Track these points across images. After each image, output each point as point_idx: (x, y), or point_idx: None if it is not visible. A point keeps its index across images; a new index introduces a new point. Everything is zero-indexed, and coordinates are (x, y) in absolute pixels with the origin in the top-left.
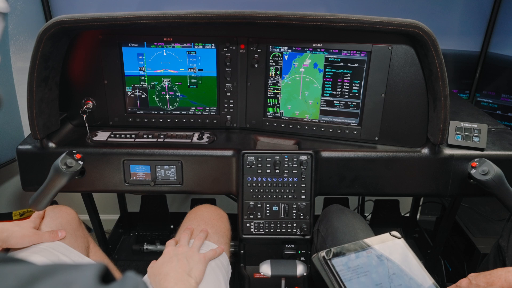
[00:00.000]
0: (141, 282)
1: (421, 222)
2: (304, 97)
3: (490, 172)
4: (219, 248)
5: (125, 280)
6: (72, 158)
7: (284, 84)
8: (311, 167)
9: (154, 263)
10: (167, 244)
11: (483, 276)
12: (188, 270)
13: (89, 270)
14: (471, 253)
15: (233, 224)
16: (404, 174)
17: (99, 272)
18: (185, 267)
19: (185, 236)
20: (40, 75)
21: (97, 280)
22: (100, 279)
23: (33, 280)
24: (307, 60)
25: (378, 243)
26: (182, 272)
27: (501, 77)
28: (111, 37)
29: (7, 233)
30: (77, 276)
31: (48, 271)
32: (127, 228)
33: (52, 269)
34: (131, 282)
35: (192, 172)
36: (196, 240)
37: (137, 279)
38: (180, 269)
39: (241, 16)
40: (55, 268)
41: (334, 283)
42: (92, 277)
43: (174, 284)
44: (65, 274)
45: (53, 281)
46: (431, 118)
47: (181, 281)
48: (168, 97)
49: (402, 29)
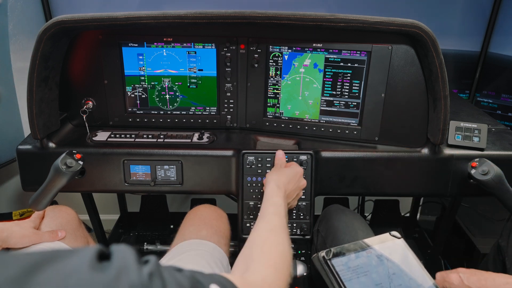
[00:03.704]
0: (126, 250)
1: (421, 222)
2: (304, 97)
3: (490, 172)
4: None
5: (113, 253)
6: (72, 158)
7: (284, 84)
8: (311, 167)
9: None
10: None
11: (477, 280)
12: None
13: (85, 254)
14: (471, 253)
15: (233, 224)
16: (404, 174)
17: (95, 254)
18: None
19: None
20: (40, 75)
21: (94, 262)
22: (96, 260)
23: (34, 268)
24: (307, 60)
25: (378, 243)
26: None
27: (501, 77)
28: (111, 37)
29: (7, 233)
30: (74, 262)
31: (47, 258)
32: (127, 228)
33: (51, 256)
34: (119, 254)
35: (192, 172)
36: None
37: (120, 248)
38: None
39: (241, 16)
40: (54, 255)
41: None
42: (88, 261)
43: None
44: (64, 261)
45: (53, 268)
46: (431, 118)
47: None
48: (168, 97)
49: (402, 29)
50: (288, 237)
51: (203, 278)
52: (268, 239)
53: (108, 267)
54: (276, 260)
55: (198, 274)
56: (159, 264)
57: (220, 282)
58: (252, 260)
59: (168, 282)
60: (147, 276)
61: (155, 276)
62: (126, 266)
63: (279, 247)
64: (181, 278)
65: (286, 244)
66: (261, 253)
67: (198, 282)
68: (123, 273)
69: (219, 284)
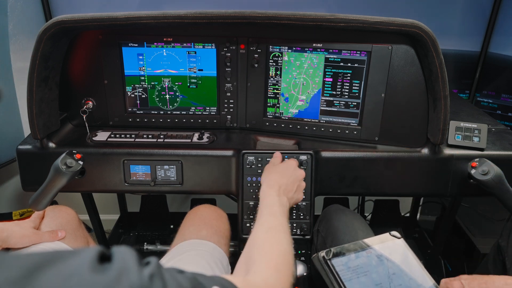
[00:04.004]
0: (127, 251)
1: (421, 222)
2: (304, 97)
3: (490, 172)
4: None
5: (114, 255)
6: (72, 158)
7: (284, 84)
8: (311, 167)
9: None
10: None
11: (478, 284)
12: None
13: (86, 256)
14: (471, 253)
15: (233, 224)
16: (404, 174)
17: (96, 255)
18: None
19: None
20: (40, 75)
21: (95, 263)
22: (97, 262)
23: (35, 270)
24: (307, 60)
25: (378, 243)
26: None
27: (501, 77)
28: (111, 37)
29: (7, 233)
30: (75, 263)
31: (48, 259)
32: (127, 228)
33: (52, 258)
34: (119, 256)
35: (192, 172)
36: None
37: (120, 250)
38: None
39: (241, 16)
40: (54, 256)
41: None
42: (89, 262)
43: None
44: (64, 263)
45: (53, 270)
46: (431, 118)
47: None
48: (168, 97)
49: (402, 29)
50: (288, 236)
51: (205, 280)
52: (266, 240)
53: (109, 268)
54: (277, 261)
55: (200, 276)
56: (160, 265)
57: (221, 284)
58: (253, 262)
59: (169, 283)
60: (147, 278)
61: (156, 278)
62: (127, 268)
63: (278, 247)
64: (182, 280)
65: (286, 243)
66: (261, 255)
67: (200, 284)
68: (124, 274)
69: (220, 286)
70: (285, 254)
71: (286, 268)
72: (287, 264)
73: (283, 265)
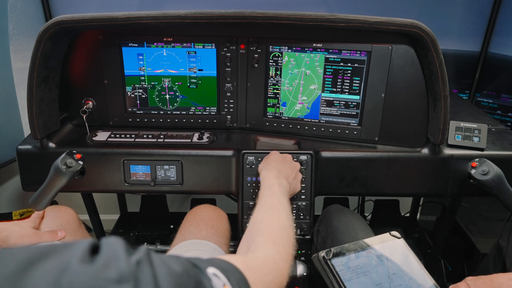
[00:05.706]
0: (115, 241)
1: (421, 222)
2: (304, 97)
3: (490, 172)
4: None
5: (102, 245)
6: (72, 158)
7: (284, 84)
8: (311, 167)
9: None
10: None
11: (483, 282)
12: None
13: (77, 249)
14: (471, 253)
15: (233, 224)
16: (404, 174)
17: (87, 247)
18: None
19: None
20: (40, 75)
21: (86, 255)
22: (88, 253)
23: (28, 265)
24: (307, 60)
25: (378, 243)
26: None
27: (501, 77)
28: (111, 37)
29: (6, 233)
30: (66, 257)
31: (41, 254)
32: (127, 228)
33: (45, 252)
34: (108, 245)
35: (192, 172)
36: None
37: (109, 240)
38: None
39: (241, 16)
40: (47, 250)
41: (334, 283)
42: (79, 255)
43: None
44: (57, 257)
45: (46, 264)
46: (431, 118)
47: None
48: (168, 97)
49: (402, 29)
50: (288, 212)
51: (201, 262)
52: (265, 218)
53: (98, 258)
54: (276, 235)
55: (195, 259)
56: (150, 252)
57: (218, 265)
58: (252, 240)
59: (158, 268)
60: (135, 263)
61: (144, 263)
62: (115, 256)
63: (277, 224)
64: (173, 264)
65: (285, 219)
66: (260, 232)
67: (194, 265)
68: (112, 262)
69: (217, 267)
70: (284, 229)
71: (286, 241)
72: (286, 237)
73: (282, 239)
